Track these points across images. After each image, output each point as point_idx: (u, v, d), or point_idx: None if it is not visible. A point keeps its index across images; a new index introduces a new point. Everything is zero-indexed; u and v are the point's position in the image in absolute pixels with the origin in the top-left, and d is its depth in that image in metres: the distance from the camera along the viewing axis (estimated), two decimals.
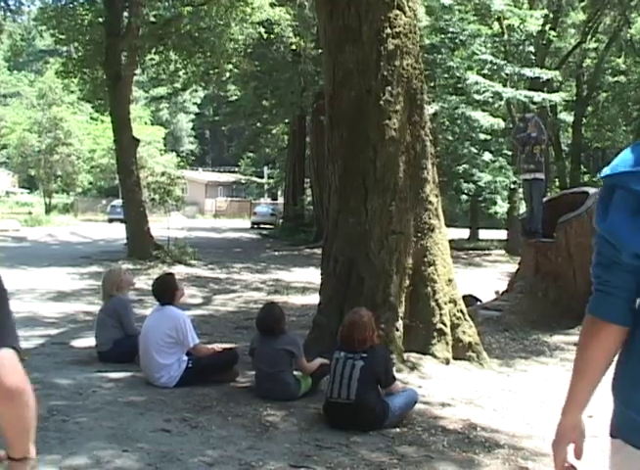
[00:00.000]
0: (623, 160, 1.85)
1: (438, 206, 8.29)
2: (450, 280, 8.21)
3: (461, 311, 8.22)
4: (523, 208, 29.06)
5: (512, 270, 15.33)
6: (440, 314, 7.87)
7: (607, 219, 1.81)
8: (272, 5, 24.24)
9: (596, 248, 1.91)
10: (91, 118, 50.07)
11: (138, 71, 25.73)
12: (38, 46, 64.92)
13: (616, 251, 1.82)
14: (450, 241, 8.73)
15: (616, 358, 1.95)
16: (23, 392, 1.81)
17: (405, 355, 7.54)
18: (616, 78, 37.45)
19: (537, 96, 26.63)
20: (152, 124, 63.32)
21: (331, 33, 8.20)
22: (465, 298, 9.26)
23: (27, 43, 65.92)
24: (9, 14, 27.68)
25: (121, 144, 20.96)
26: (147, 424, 5.51)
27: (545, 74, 27.36)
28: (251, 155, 56.28)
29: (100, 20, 22.49)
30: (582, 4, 34.97)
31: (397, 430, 5.69)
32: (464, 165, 30.26)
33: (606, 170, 1.89)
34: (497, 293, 12.46)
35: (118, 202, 35.11)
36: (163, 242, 21.31)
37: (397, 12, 7.95)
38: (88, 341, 8.63)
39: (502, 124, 27.86)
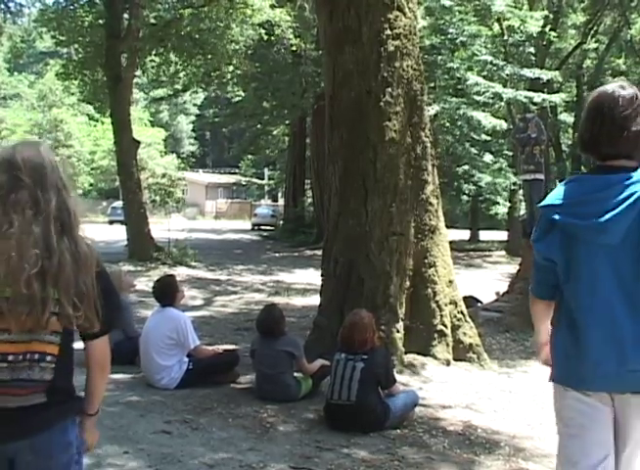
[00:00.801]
0: (551, 195, 2.83)
1: (439, 207, 8.29)
2: (451, 281, 8.21)
3: (461, 313, 8.22)
4: (523, 209, 29.10)
5: (512, 271, 15.33)
6: (441, 316, 7.87)
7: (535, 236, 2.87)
8: (272, 7, 24.22)
9: (534, 254, 2.94)
10: (90, 119, 50.02)
11: (138, 73, 25.71)
12: (38, 48, 64.89)
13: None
14: (451, 242, 8.73)
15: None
16: (108, 366, 2.60)
17: (406, 357, 7.54)
18: (616, 79, 37.41)
19: (537, 97, 26.62)
20: (152, 126, 63.34)
21: (331, 34, 8.21)
22: (465, 299, 9.26)
23: (28, 45, 65.92)
24: (9, 16, 27.70)
25: (122, 146, 20.94)
26: (147, 426, 5.51)
27: (545, 75, 27.35)
28: (251, 156, 56.24)
29: (100, 21, 22.45)
30: (582, 5, 34.97)
31: (398, 431, 5.69)
32: (464, 167, 30.26)
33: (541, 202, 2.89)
34: (498, 294, 12.45)
35: (119, 203, 34.99)
36: (164, 243, 21.28)
37: (397, 13, 7.96)
38: None
39: (504, 126, 27.85)
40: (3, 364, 2.31)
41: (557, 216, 2.73)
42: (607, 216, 2.60)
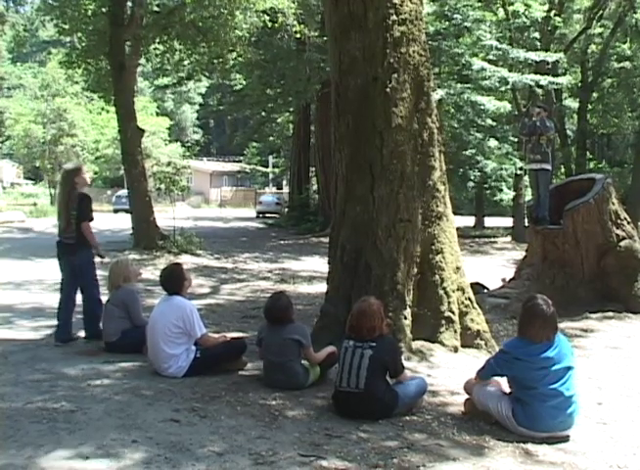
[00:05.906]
0: None
1: (446, 193, 8.25)
2: (458, 268, 8.18)
3: (469, 299, 8.20)
4: (528, 195, 29.06)
5: (518, 257, 15.31)
6: (448, 302, 7.85)
7: None
8: None
9: None
10: (102, 109, 49.75)
11: (142, 62, 25.63)
12: (41, 37, 64.76)
13: None
14: (456, 229, 8.69)
15: None
16: (89, 227, 8.62)
17: (413, 344, 7.53)
18: (621, 64, 37.27)
19: (544, 79, 26.52)
20: (157, 115, 63.29)
21: (336, 21, 8.15)
22: (472, 285, 9.22)
23: (30, 34, 65.68)
24: (12, 4, 27.61)
25: (126, 134, 20.94)
26: (156, 414, 5.50)
27: (550, 58, 27.24)
28: (255, 144, 56.25)
29: (103, 9, 22.38)
30: None
31: (407, 418, 5.68)
32: (469, 152, 30.15)
33: None
34: (504, 280, 12.43)
35: (124, 192, 35.12)
36: (169, 232, 21.31)
37: None
38: None
39: (508, 107, 27.69)
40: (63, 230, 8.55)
41: None
42: None
